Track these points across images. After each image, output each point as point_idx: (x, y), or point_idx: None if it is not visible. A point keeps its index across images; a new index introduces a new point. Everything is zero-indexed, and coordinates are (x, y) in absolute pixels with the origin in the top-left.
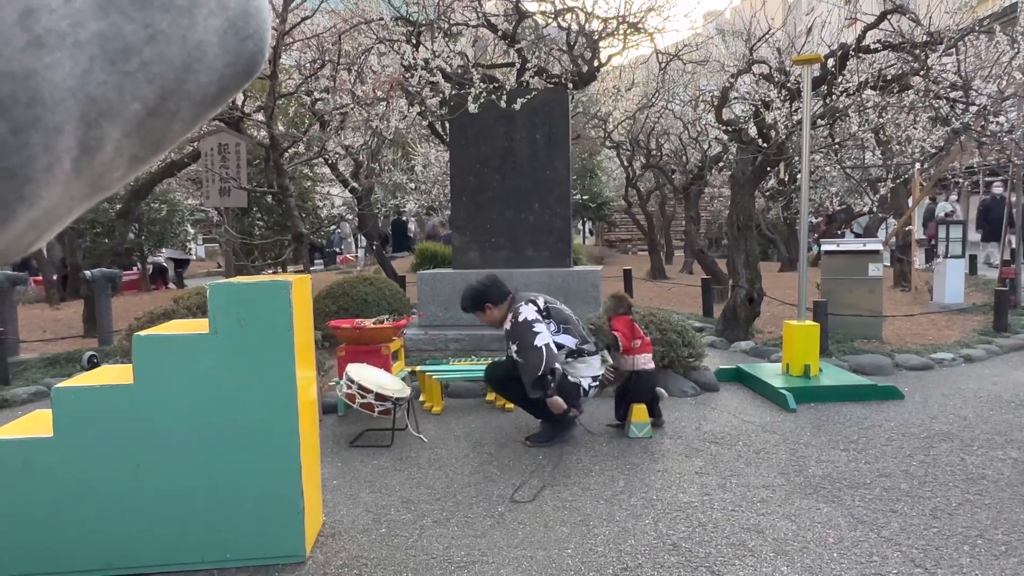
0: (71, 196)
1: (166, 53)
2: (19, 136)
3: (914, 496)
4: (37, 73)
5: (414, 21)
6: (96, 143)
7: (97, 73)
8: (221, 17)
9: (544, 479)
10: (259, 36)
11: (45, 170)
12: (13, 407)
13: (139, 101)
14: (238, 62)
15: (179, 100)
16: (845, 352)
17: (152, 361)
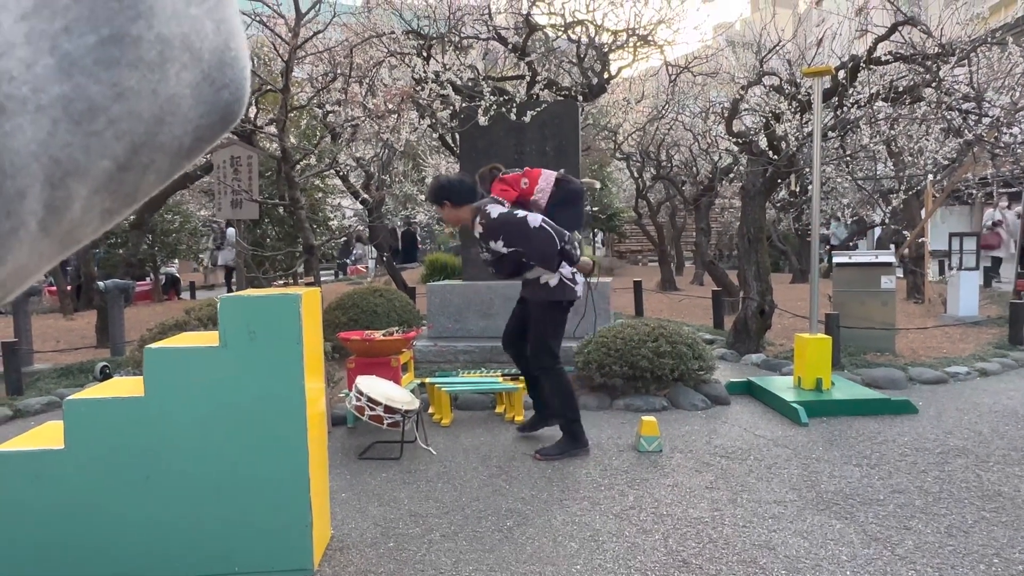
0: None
1: (135, 109)
2: None
3: (929, 513)
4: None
5: (425, 35)
6: (63, 203)
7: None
8: (194, 70)
9: (552, 494)
10: (235, 85)
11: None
12: (26, 417)
13: (108, 158)
14: (213, 112)
15: (151, 153)
16: (858, 365)
17: (163, 373)
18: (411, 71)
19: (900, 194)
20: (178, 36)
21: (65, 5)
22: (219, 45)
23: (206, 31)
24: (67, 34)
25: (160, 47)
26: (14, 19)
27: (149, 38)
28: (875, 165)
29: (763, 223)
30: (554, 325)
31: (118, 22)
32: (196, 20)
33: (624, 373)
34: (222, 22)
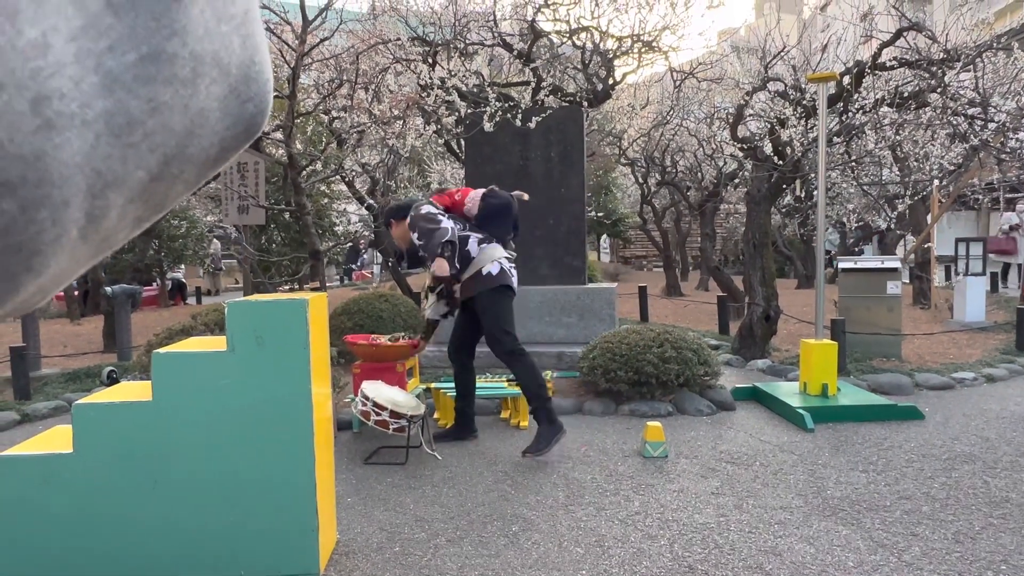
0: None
1: (169, 122)
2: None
3: (936, 519)
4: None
5: (430, 41)
6: (102, 212)
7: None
8: (223, 84)
9: (558, 499)
10: (260, 98)
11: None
12: (34, 421)
13: (143, 169)
14: (239, 124)
15: (182, 164)
16: (864, 371)
17: (171, 378)
18: (417, 77)
19: (906, 199)
20: (209, 53)
21: (109, 25)
22: (245, 60)
23: (234, 47)
24: (110, 52)
25: (193, 64)
26: (64, 40)
27: (183, 55)
28: (880, 170)
29: (768, 229)
30: (505, 310)
31: (156, 40)
32: (225, 36)
33: (629, 379)
34: (248, 37)
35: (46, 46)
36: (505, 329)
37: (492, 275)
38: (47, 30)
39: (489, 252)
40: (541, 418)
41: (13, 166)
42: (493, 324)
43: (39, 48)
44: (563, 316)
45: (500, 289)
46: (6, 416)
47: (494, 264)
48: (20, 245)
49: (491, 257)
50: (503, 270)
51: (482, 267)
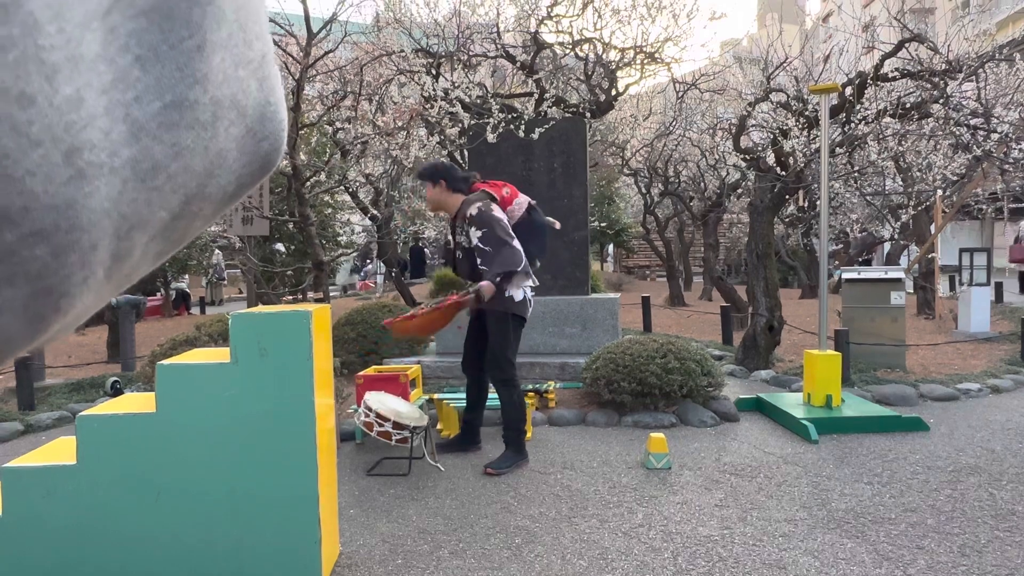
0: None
1: (190, 165)
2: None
3: (941, 532)
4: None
5: (434, 53)
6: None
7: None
8: (240, 125)
9: (561, 511)
10: (275, 136)
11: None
12: (37, 432)
13: (165, 210)
14: (255, 162)
15: (201, 202)
16: (868, 382)
17: (175, 390)
18: (420, 89)
19: (909, 209)
20: (228, 97)
21: (136, 77)
22: (261, 101)
23: (251, 89)
24: (137, 103)
25: (213, 108)
26: (97, 94)
27: (204, 101)
28: (884, 180)
29: (771, 239)
30: (514, 337)
31: (179, 89)
32: (243, 80)
33: (632, 389)
34: (264, 80)
35: (80, 101)
36: (509, 358)
37: (514, 300)
38: (81, 86)
39: (518, 277)
40: (512, 443)
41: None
42: (500, 349)
43: (74, 103)
44: (566, 327)
45: (516, 317)
46: (10, 427)
47: (519, 290)
48: (51, 288)
49: (518, 282)
50: (525, 299)
51: (507, 287)
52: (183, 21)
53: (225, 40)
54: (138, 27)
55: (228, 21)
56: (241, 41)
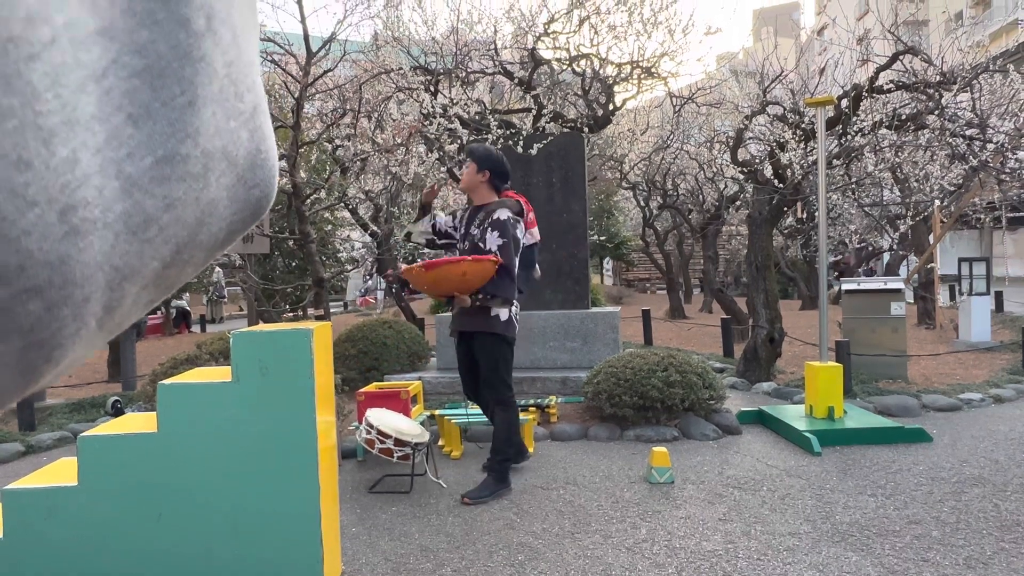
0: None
1: (182, 216)
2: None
3: (946, 544)
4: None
5: (432, 70)
6: (118, 302)
7: (121, 246)
8: (231, 175)
9: (564, 527)
10: (265, 183)
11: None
12: (38, 453)
13: (157, 260)
14: (246, 208)
15: (192, 250)
16: (870, 393)
17: (176, 409)
18: (419, 106)
19: (907, 220)
20: (219, 148)
21: (129, 134)
22: (252, 150)
23: (242, 139)
24: (129, 159)
25: (204, 160)
26: (91, 153)
27: (195, 154)
28: (881, 192)
29: (770, 251)
30: (506, 357)
31: (170, 144)
32: (234, 132)
33: (634, 403)
34: (255, 130)
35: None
36: (504, 379)
37: (500, 321)
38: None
39: (499, 300)
40: (494, 470)
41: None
42: (493, 372)
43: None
44: (567, 341)
45: (503, 338)
46: (11, 447)
47: (504, 310)
48: (43, 342)
49: (502, 304)
50: (511, 319)
51: (493, 307)
52: (175, 79)
53: (216, 94)
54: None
55: (219, 76)
56: (232, 95)
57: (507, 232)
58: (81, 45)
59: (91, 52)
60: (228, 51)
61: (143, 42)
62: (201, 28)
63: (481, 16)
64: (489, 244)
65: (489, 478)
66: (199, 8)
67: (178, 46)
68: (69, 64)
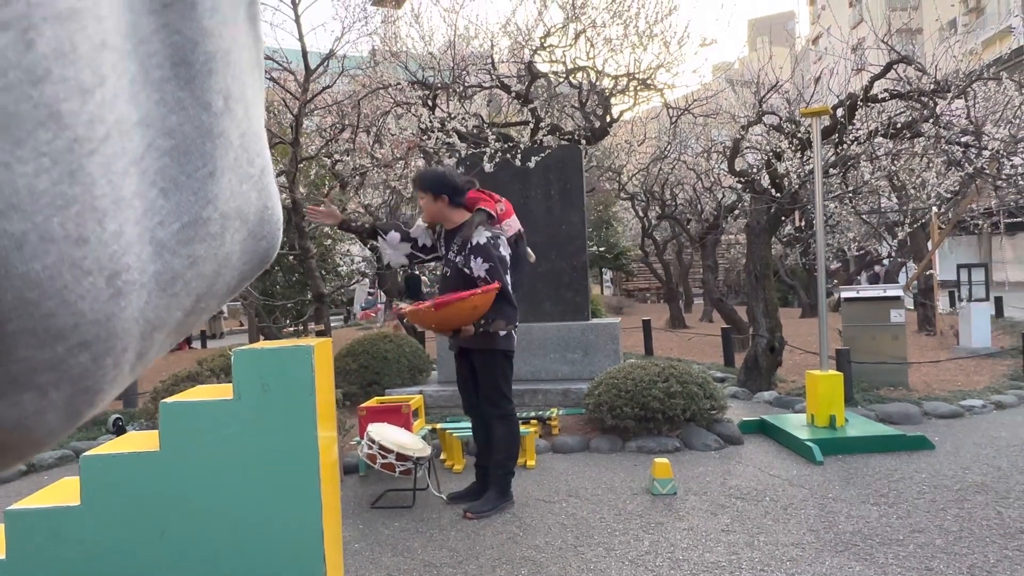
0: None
1: (203, 271)
2: (97, 363)
3: (950, 553)
4: (115, 315)
5: (430, 85)
6: (148, 349)
7: (153, 301)
8: (243, 231)
9: (567, 540)
10: (271, 236)
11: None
12: (40, 472)
13: (180, 310)
14: (255, 259)
15: (209, 299)
16: (871, 401)
17: (178, 428)
18: (417, 120)
19: (906, 227)
20: (234, 209)
21: (160, 205)
22: (260, 207)
23: (252, 199)
24: (160, 226)
25: (222, 221)
26: (132, 225)
27: (215, 216)
28: (879, 199)
29: (769, 260)
30: (505, 372)
31: (195, 210)
32: (246, 193)
33: (635, 414)
34: (263, 189)
35: (121, 234)
36: (505, 393)
37: (500, 336)
38: (122, 222)
39: (501, 322)
40: (497, 484)
41: (91, 329)
42: (493, 388)
43: (116, 236)
44: (567, 352)
45: (504, 352)
46: None
47: None
48: (88, 388)
49: (502, 327)
50: (509, 333)
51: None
52: (198, 154)
53: (232, 163)
54: (163, 165)
55: (234, 147)
56: (245, 161)
57: (491, 255)
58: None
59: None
60: (241, 124)
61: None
62: (220, 108)
63: (478, 31)
64: (476, 271)
65: (491, 492)
66: (219, 92)
67: (201, 126)
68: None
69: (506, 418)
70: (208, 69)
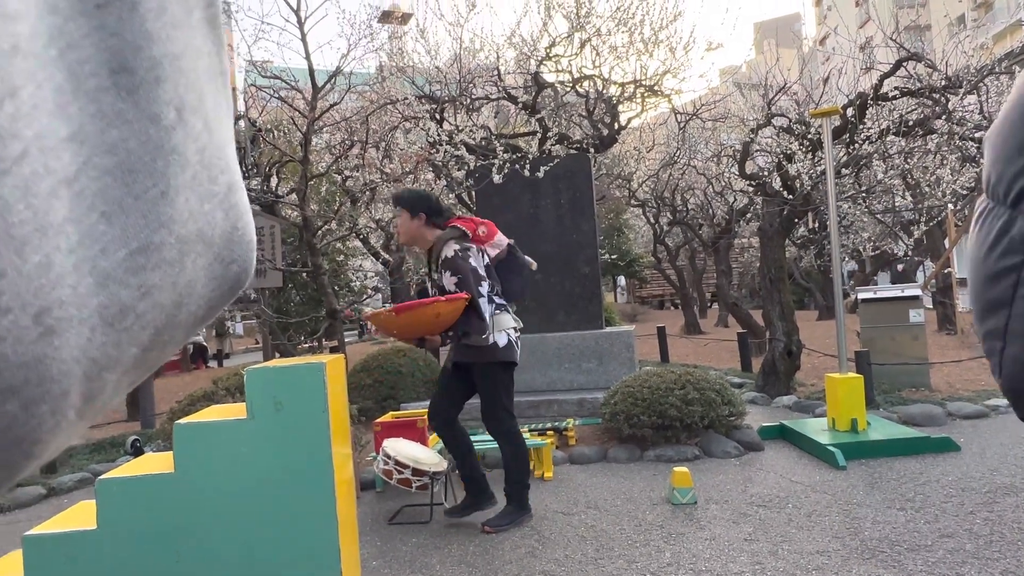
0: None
1: (159, 301)
2: (28, 410)
3: (981, 558)
4: (47, 356)
5: (437, 98)
6: (98, 391)
7: (98, 338)
8: (207, 255)
9: (587, 553)
10: (243, 259)
11: (51, 429)
12: (60, 495)
13: (135, 346)
14: (224, 284)
15: (172, 331)
16: (893, 403)
17: (193, 449)
18: (425, 134)
19: (921, 225)
20: (194, 232)
21: (102, 231)
22: (227, 228)
23: (217, 220)
24: (103, 254)
25: (179, 246)
26: (64, 255)
27: (170, 241)
28: (893, 198)
29: (783, 262)
30: (506, 385)
31: (144, 235)
32: (209, 214)
33: (653, 423)
34: (231, 208)
35: (49, 265)
36: (506, 407)
37: (499, 347)
38: (50, 251)
39: (501, 319)
40: (514, 498)
41: (17, 373)
42: (495, 401)
43: (43, 269)
44: (582, 361)
45: (505, 364)
46: (32, 491)
47: (502, 334)
48: (21, 438)
49: (501, 325)
50: (510, 343)
51: (489, 335)
52: (147, 173)
53: (189, 181)
54: (103, 186)
55: (192, 164)
56: (206, 179)
57: (459, 267)
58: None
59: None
60: (200, 138)
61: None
62: (172, 121)
63: (483, 43)
64: (447, 285)
65: (509, 506)
66: (168, 103)
67: (148, 141)
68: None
69: (510, 435)
70: (155, 77)
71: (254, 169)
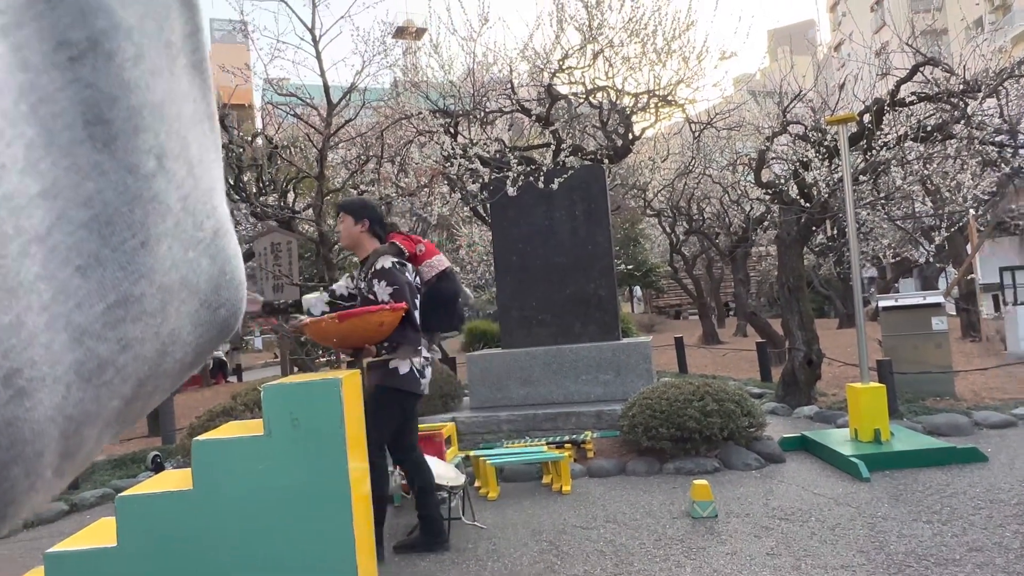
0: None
1: (140, 353)
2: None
3: (1011, 572)
4: (19, 418)
5: (451, 112)
6: (76, 447)
7: (74, 395)
8: (193, 302)
9: (606, 568)
10: (231, 303)
11: (26, 490)
12: (82, 511)
13: (117, 399)
14: (212, 329)
15: (156, 380)
16: (917, 412)
17: (211, 465)
18: (440, 148)
19: (942, 231)
20: (177, 280)
21: (76, 286)
22: (214, 274)
23: (202, 266)
24: (78, 309)
25: (161, 295)
26: (36, 313)
27: (151, 292)
28: (912, 204)
29: (802, 271)
30: (389, 415)
31: (123, 287)
32: (193, 261)
33: (672, 435)
34: (217, 253)
35: (20, 325)
36: (376, 438)
37: (398, 373)
38: (20, 311)
39: (407, 348)
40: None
41: None
42: (371, 427)
43: (13, 329)
44: (599, 373)
45: (400, 394)
46: (55, 507)
47: (405, 362)
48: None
49: (407, 353)
50: (411, 372)
51: (391, 359)
52: (124, 224)
53: (172, 229)
54: (78, 239)
55: (174, 212)
56: (190, 225)
57: (395, 279)
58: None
59: (33, 216)
60: (183, 185)
61: (89, 194)
62: (151, 169)
63: (496, 57)
64: (380, 295)
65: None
66: (148, 151)
67: (126, 191)
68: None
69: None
70: (133, 127)
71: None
